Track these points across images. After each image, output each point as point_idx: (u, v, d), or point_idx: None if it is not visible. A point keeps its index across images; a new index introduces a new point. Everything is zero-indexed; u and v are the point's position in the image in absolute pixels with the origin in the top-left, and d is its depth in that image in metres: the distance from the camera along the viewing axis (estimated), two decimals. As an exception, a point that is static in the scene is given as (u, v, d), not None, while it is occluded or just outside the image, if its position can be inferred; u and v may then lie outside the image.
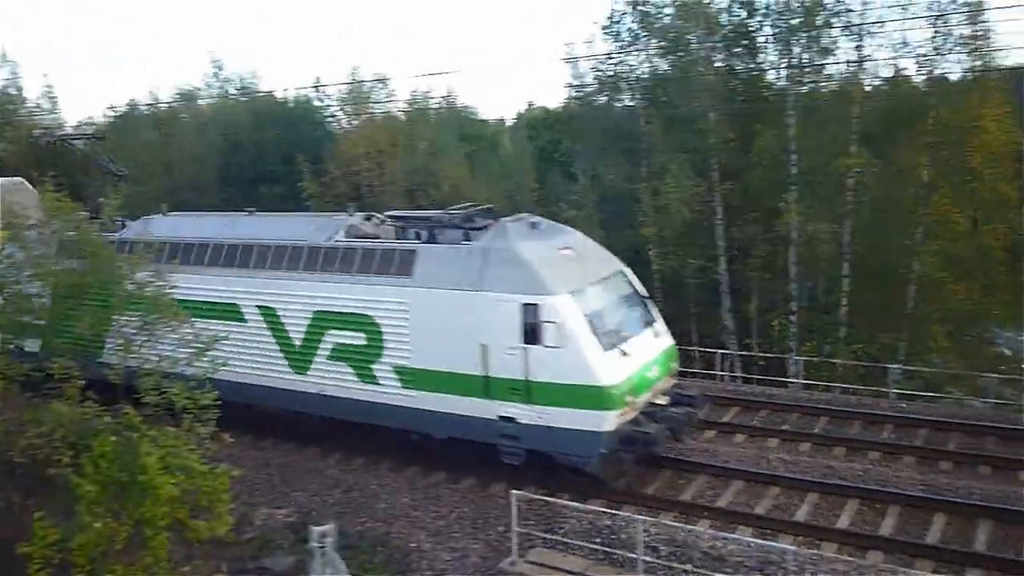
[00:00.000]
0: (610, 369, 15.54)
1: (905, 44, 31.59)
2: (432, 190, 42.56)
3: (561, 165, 47.97)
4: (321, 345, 18.39)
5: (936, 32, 30.85)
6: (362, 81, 52.72)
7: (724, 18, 36.01)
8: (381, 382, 17.62)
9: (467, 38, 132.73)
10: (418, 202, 40.59)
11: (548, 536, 14.66)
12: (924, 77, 32.79)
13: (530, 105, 71.60)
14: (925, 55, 31.41)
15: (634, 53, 37.04)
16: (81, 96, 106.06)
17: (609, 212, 37.44)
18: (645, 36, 36.68)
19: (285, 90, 72.59)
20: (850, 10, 32.33)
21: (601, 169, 38.18)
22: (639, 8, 36.46)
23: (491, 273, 16.25)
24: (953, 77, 32.60)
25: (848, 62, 33.16)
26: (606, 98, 39.28)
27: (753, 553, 13.70)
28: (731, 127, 34.71)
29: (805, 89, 34.01)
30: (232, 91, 56.24)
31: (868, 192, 32.13)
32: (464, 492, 17.20)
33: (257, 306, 19.27)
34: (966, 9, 30.60)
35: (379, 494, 17.32)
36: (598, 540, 14.54)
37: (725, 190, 33.88)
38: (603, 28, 37.49)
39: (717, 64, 35.72)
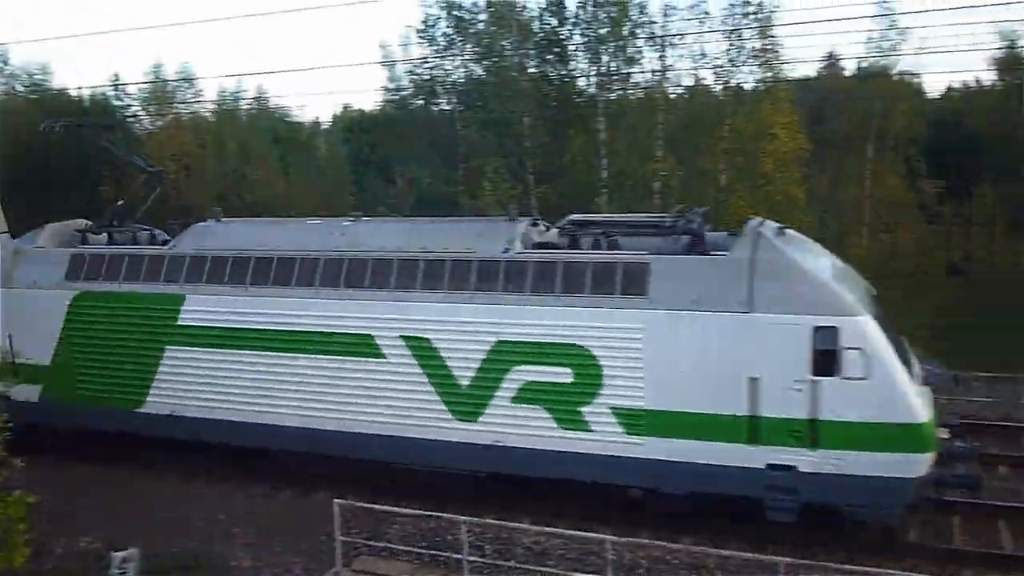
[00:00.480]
0: (921, 403, 13.16)
1: (704, 55, 33.63)
2: (246, 194, 41.12)
3: (379, 168, 47.59)
4: (503, 385, 14.87)
5: (731, 45, 32.99)
6: (166, 80, 50.13)
7: (536, 26, 36.90)
8: (594, 428, 14.44)
9: (281, 37, 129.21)
10: (231, 206, 39.02)
11: (373, 543, 14.46)
12: (721, 87, 34.90)
13: (346, 107, 70.50)
14: (722, 66, 33.48)
15: (449, 58, 37.34)
16: None
17: (427, 215, 37.49)
18: (460, 41, 37.05)
19: (80, 88, 67.93)
20: (653, 21, 34.08)
21: (419, 172, 38.20)
22: (454, 13, 36.79)
23: (765, 290, 13.41)
24: (747, 87, 34.92)
25: (653, 71, 34.84)
26: (423, 101, 39.37)
27: (573, 545, 14.11)
28: (545, 131, 35.58)
29: (614, 96, 35.39)
30: (19, 87, 51.97)
31: (673, 195, 33.76)
32: (284, 504, 16.70)
33: (402, 337, 15.42)
34: (757, 24, 32.88)
35: (194, 511, 16.51)
36: (423, 544, 14.53)
37: (541, 192, 34.69)
38: (418, 32, 37.62)
39: (531, 70, 36.58)
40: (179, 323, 17.13)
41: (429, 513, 14.48)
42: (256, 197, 39.03)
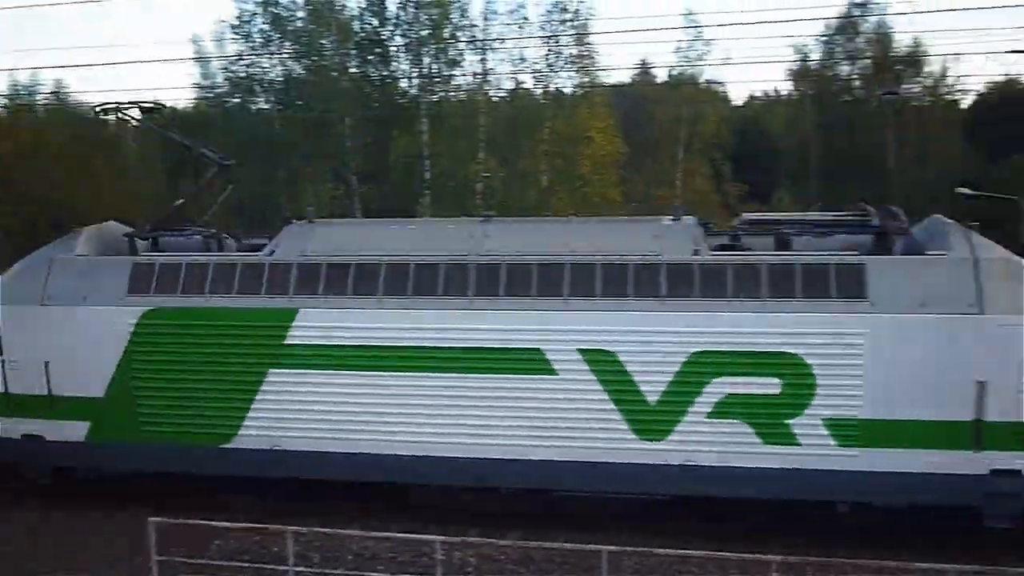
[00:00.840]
0: None
1: (523, 60, 34.43)
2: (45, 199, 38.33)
3: (193, 168, 45.58)
4: (698, 399, 13.65)
5: (549, 50, 33.97)
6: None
7: (357, 25, 36.55)
8: (801, 441, 13.47)
9: (82, 28, 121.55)
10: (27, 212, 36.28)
11: (193, 561, 13.85)
12: (541, 91, 35.80)
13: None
14: (540, 71, 34.38)
15: (267, 55, 36.36)
16: None
17: (245, 218, 36.32)
18: (278, 38, 36.14)
19: None
20: (474, 25, 34.58)
21: (236, 173, 36.94)
22: (270, 10, 35.84)
23: (994, 291, 12.90)
24: (566, 91, 36.01)
25: (474, 74, 35.31)
26: (239, 100, 38.10)
27: (403, 548, 14.09)
28: (367, 132, 35.30)
29: (436, 98, 35.57)
30: None
31: (496, 196, 34.35)
32: (92, 524, 15.68)
33: (580, 351, 13.84)
34: (573, 31, 33.99)
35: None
36: (247, 557, 14.08)
37: (363, 193, 34.39)
38: (233, 28, 36.37)
39: (352, 70, 36.17)
40: (287, 342, 14.74)
41: (253, 526, 14.04)
42: (52, 201, 36.33)
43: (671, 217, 14.93)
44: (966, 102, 46.98)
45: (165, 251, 16.32)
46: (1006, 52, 41.80)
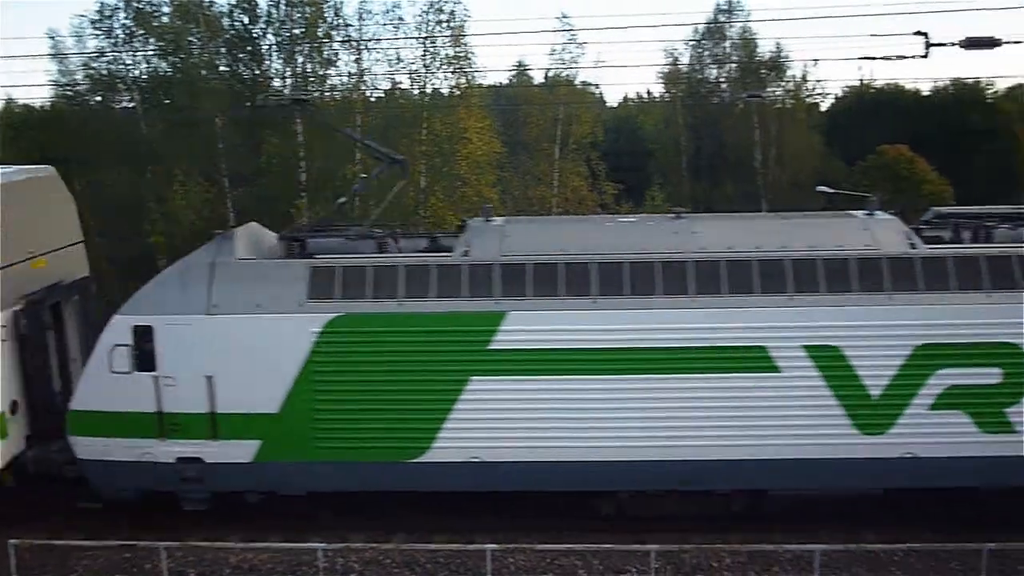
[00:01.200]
0: None
1: (400, 60, 34.21)
2: None
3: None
4: (921, 391, 13.86)
5: (425, 51, 33.89)
6: None
7: (227, 22, 35.51)
8: (1018, 429, 13.90)
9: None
10: None
11: (58, 583, 13.27)
12: (418, 91, 35.65)
13: (9, 101, 63.28)
14: (417, 71, 34.24)
15: (130, 52, 34.92)
16: None
17: (110, 221, 34.77)
18: (142, 34, 34.75)
19: None
20: (348, 24, 34.15)
21: (99, 175, 35.32)
22: (133, 4, 34.41)
23: None
24: (444, 92, 35.97)
25: (350, 74, 34.87)
26: (101, 98, 36.45)
27: (285, 557, 13.85)
28: (239, 132, 34.32)
29: (310, 98, 34.92)
30: None
31: (373, 196, 34.01)
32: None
33: (804, 347, 13.77)
34: (449, 33, 34.03)
35: None
36: (118, 576, 13.58)
37: (237, 195, 33.45)
38: (93, 22, 34.73)
39: (222, 68, 35.12)
40: (492, 347, 13.95)
41: (123, 543, 13.54)
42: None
43: (864, 212, 15.11)
44: (825, 105, 49.48)
45: (316, 254, 15.36)
46: (859, 58, 43.80)
